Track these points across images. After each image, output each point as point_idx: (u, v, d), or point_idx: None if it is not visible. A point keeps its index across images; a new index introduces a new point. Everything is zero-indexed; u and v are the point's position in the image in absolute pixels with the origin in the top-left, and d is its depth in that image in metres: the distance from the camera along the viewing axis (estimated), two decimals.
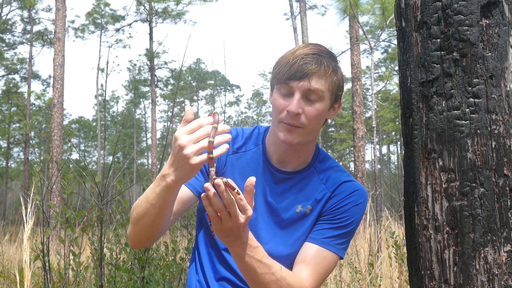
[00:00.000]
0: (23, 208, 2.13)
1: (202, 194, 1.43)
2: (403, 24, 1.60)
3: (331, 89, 1.77)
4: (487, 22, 1.46)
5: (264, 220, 1.87)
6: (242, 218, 1.46)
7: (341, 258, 1.83)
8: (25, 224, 2.14)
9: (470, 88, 1.45)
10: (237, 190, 1.41)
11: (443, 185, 1.46)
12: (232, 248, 1.58)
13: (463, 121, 1.44)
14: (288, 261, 1.81)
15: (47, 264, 3.63)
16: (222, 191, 1.39)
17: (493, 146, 1.43)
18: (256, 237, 1.68)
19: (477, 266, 1.40)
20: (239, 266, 1.63)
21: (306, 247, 1.81)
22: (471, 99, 1.44)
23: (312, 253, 1.78)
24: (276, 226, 1.86)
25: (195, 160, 1.44)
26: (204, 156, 1.44)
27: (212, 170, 1.44)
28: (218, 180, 1.38)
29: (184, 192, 1.85)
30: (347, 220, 1.84)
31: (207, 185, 1.40)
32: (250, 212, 1.46)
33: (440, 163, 1.47)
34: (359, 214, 1.88)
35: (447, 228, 1.44)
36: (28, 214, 2.14)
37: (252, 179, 1.45)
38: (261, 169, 1.91)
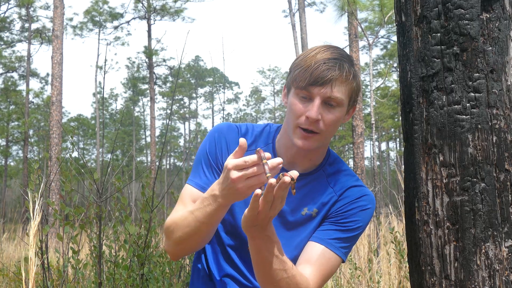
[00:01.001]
0: (30, 204, 2.11)
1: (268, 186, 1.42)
2: (403, 19, 1.60)
3: (350, 95, 1.74)
4: (488, 16, 1.45)
5: None
6: (277, 210, 1.48)
7: (343, 261, 1.82)
8: (31, 220, 2.12)
9: (470, 83, 1.44)
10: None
11: (444, 180, 1.45)
12: (254, 240, 1.57)
13: (464, 116, 1.43)
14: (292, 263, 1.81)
15: (45, 261, 3.62)
16: (284, 187, 1.41)
17: (494, 141, 1.42)
18: None
19: (478, 262, 1.40)
20: (255, 259, 1.61)
21: (311, 246, 1.79)
22: (472, 94, 1.43)
23: (317, 253, 1.76)
24: (282, 228, 1.85)
25: (247, 193, 1.50)
26: (255, 188, 1.47)
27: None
28: (287, 178, 1.39)
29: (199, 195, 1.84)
30: (354, 225, 1.83)
31: (273, 181, 1.40)
32: (283, 205, 1.49)
33: (441, 158, 1.46)
34: (366, 220, 1.87)
35: (447, 224, 1.44)
36: (35, 210, 2.12)
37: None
38: None
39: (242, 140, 1.47)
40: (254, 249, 1.60)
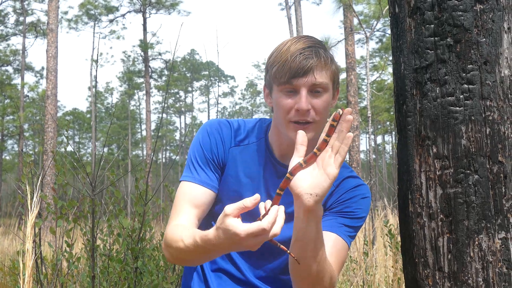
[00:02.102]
0: (28, 196, 2.10)
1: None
2: (397, 10, 1.59)
3: (332, 78, 1.75)
4: (482, 7, 1.44)
5: None
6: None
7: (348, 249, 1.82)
8: (28, 213, 2.11)
9: (464, 74, 1.43)
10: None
11: (437, 172, 1.44)
12: (312, 213, 1.51)
13: (457, 108, 1.43)
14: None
15: (40, 255, 3.61)
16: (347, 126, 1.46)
17: (487, 132, 1.41)
18: None
19: (472, 254, 1.39)
20: (307, 234, 1.55)
21: (324, 235, 1.78)
22: (465, 85, 1.43)
23: (331, 241, 1.75)
24: None
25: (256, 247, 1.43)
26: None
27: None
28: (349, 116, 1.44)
29: (207, 194, 1.82)
30: (358, 213, 1.84)
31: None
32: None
33: (434, 150, 1.45)
34: (367, 209, 1.88)
35: (441, 216, 1.43)
36: (33, 203, 2.11)
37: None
38: (263, 162, 1.88)
39: (250, 202, 1.40)
40: (312, 220, 1.53)
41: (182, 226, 1.69)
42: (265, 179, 1.87)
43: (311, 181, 1.46)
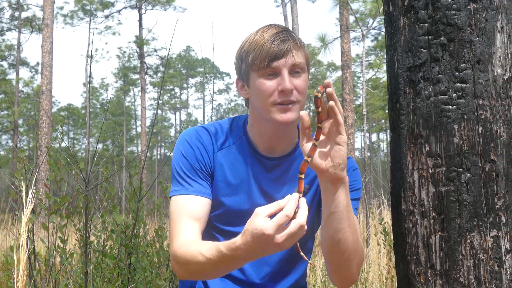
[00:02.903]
0: (24, 192, 2.10)
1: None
2: (391, 9, 1.59)
3: (306, 59, 1.79)
4: (475, 6, 1.45)
5: None
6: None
7: None
8: (24, 207, 2.10)
9: (457, 73, 1.44)
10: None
11: (430, 171, 1.45)
12: (341, 181, 1.53)
13: (450, 106, 1.43)
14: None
15: (32, 251, 3.60)
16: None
17: (479, 131, 1.42)
18: None
19: (463, 252, 1.40)
20: (340, 204, 1.55)
21: None
22: (458, 84, 1.43)
23: None
24: None
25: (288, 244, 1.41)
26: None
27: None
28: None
29: (204, 203, 1.79)
30: (355, 186, 1.86)
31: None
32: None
33: (427, 148, 1.46)
34: (360, 179, 1.91)
35: (433, 214, 1.44)
36: (28, 198, 2.11)
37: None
38: (249, 160, 1.87)
39: (284, 202, 1.40)
40: (340, 196, 1.54)
41: (193, 241, 1.66)
42: (255, 176, 1.86)
43: (328, 154, 1.50)
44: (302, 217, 1.38)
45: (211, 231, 1.87)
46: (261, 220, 1.36)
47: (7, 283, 5.05)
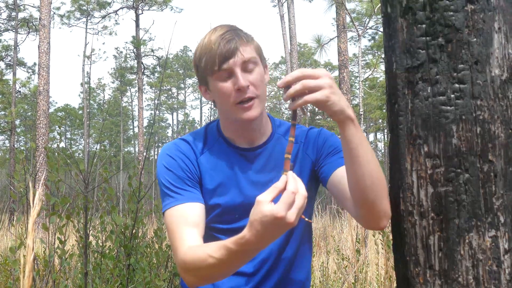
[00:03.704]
0: (31, 192, 2.12)
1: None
2: (389, 10, 1.59)
3: (258, 52, 1.83)
4: (472, 7, 1.46)
5: None
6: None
7: None
8: (31, 208, 2.12)
9: (455, 74, 1.44)
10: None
11: (428, 171, 1.46)
12: (349, 122, 1.51)
13: (448, 107, 1.44)
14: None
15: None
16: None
17: (478, 131, 1.43)
18: None
19: (462, 252, 1.41)
20: (362, 140, 1.54)
21: (338, 173, 1.80)
22: (456, 85, 1.44)
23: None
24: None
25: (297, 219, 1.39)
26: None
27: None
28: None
29: (199, 209, 1.79)
30: (339, 145, 1.87)
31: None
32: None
33: (425, 149, 1.47)
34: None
35: (432, 214, 1.44)
36: (36, 199, 2.12)
37: None
38: (232, 156, 1.91)
39: (281, 182, 1.40)
40: (358, 131, 1.53)
41: (197, 246, 1.65)
42: (241, 169, 1.89)
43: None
44: (302, 188, 1.38)
45: (212, 235, 1.87)
46: (267, 206, 1.35)
47: (5, 283, 5.04)
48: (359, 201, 1.61)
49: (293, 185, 1.37)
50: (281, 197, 1.36)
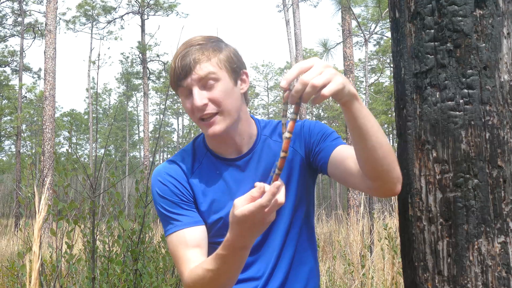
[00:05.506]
0: (36, 198, 2.13)
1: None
2: (397, 15, 1.60)
3: (222, 66, 1.74)
4: (481, 12, 1.46)
5: None
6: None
7: None
8: (37, 214, 2.13)
9: (464, 79, 1.44)
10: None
11: (437, 177, 1.45)
12: (354, 99, 1.45)
13: (457, 112, 1.44)
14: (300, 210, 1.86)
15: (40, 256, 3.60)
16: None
17: (487, 137, 1.42)
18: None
19: (471, 258, 1.40)
20: (367, 114, 1.48)
21: (341, 149, 1.76)
22: (465, 90, 1.44)
23: (344, 151, 1.73)
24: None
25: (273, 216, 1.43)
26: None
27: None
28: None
29: (199, 231, 1.80)
30: (328, 129, 1.86)
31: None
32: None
33: (434, 154, 1.46)
34: (325, 126, 1.90)
35: (440, 220, 1.44)
36: (41, 204, 2.13)
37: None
38: (223, 170, 1.89)
39: (256, 191, 1.40)
40: (363, 107, 1.47)
41: (196, 266, 1.68)
42: (234, 180, 1.88)
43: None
44: (267, 187, 1.38)
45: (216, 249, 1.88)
46: (239, 209, 1.38)
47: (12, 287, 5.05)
48: (373, 173, 1.57)
49: (266, 199, 1.37)
50: (251, 191, 1.39)
